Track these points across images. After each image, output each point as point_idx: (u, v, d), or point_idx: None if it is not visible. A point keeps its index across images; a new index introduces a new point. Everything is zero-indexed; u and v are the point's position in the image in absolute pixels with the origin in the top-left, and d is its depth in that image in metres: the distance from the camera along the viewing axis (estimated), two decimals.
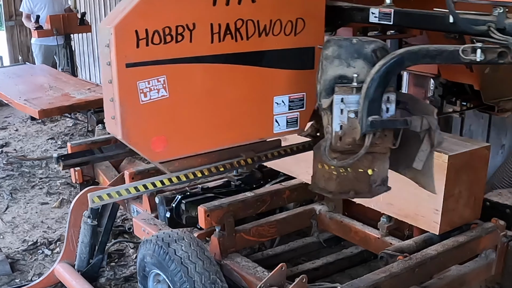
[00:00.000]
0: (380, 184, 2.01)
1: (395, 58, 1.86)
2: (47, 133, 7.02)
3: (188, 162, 2.27)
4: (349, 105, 1.87)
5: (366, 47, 1.90)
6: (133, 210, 3.45)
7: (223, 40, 2.15)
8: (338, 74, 1.91)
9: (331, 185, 1.99)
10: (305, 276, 2.24)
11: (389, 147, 1.98)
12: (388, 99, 1.88)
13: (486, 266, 2.73)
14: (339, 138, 1.90)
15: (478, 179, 2.58)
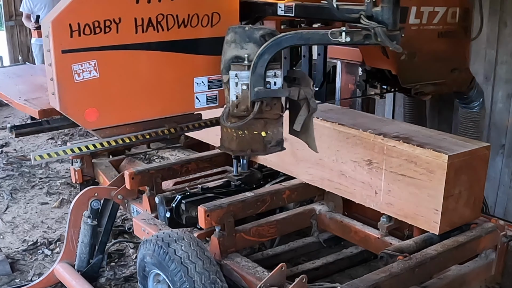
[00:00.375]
0: (275, 144, 2.39)
1: (275, 41, 2.25)
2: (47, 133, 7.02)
3: (118, 130, 2.74)
4: (242, 79, 2.27)
5: (255, 33, 2.31)
6: (133, 210, 3.45)
7: (146, 31, 2.62)
8: (234, 55, 2.31)
9: (232, 145, 2.37)
10: (305, 276, 2.24)
11: (279, 114, 2.35)
12: (275, 74, 2.27)
13: (486, 266, 2.73)
14: (236, 106, 2.30)
15: (478, 179, 2.58)
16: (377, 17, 2.23)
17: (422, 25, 3.53)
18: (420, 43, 3.55)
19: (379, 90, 3.69)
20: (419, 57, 3.54)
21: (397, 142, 2.54)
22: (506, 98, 4.25)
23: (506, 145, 4.32)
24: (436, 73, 3.76)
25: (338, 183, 2.87)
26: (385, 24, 2.22)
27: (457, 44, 3.85)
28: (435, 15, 3.60)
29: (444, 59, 3.77)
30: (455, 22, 3.74)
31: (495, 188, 4.44)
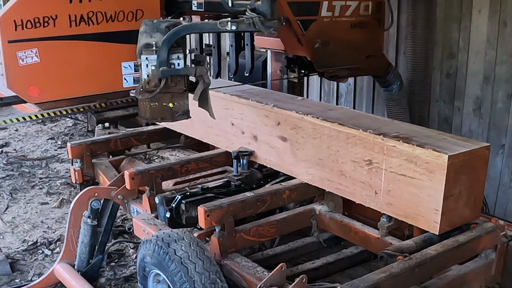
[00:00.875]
0: (182, 114, 2.90)
1: (174, 30, 2.75)
2: (47, 133, 7.03)
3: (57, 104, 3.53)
4: (151, 61, 2.77)
5: (161, 25, 2.79)
6: (133, 210, 3.45)
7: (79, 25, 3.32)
8: (145, 42, 2.80)
9: (147, 114, 2.89)
10: (305, 276, 2.24)
11: (183, 88, 2.84)
12: (178, 57, 2.79)
13: (486, 266, 2.73)
14: (147, 83, 2.80)
15: (478, 179, 2.58)
16: (258, 9, 2.77)
17: (334, 17, 4.03)
18: (333, 33, 4.04)
19: (297, 74, 4.24)
20: (333, 45, 4.05)
21: (397, 142, 2.54)
22: (506, 98, 4.26)
23: (506, 145, 4.32)
24: (351, 59, 4.24)
25: (338, 183, 2.87)
26: (264, 15, 2.76)
27: (371, 34, 4.34)
28: (347, 8, 4.11)
29: (358, 47, 4.25)
30: (368, 14, 4.25)
31: (495, 188, 4.44)
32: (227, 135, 3.59)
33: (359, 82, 5.48)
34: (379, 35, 4.48)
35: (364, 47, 4.31)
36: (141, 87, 2.81)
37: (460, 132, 4.58)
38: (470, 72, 4.47)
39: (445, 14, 4.55)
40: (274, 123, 3.19)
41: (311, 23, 3.91)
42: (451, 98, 4.67)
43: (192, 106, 3.79)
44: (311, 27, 3.91)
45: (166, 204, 3.11)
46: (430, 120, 4.86)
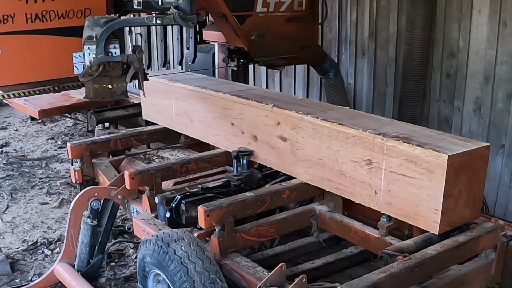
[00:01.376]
0: (120, 94, 3.45)
1: (109, 25, 3.28)
2: (47, 133, 7.03)
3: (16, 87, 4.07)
4: (92, 51, 3.32)
5: (100, 20, 3.34)
6: (133, 210, 3.45)
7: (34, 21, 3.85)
8: (88, 35, 3.36)
9: (90, 94, 3.44)
10: (305, 276, 2.24)
11: (120, 73, 3.37)
12: (114, 47, 3.33)
13: (485, 266, 2.73)
14: (89, 68, 3.34)
15: (478, 179, 2.58)
16: (180, 6, 3.22)
17: (269, 13, 4.50)
18: (269, 26, 4.51)
19: (236, 63, 4.73)
20: (268, 37, 4.52)
21: (397, 142, 2.54)
22: (506, 98, 4.26)
23: (506, 145, 4.32)
24: (286, 49, 4.72)
25: (338, 183, 2.87)
26: (184, 11, 3.22)
27: (305, 27, 4.80)
28: (282, 5, 4.58)
29: (294, 38, 4.72)
30: (302, 10, 4.71)
31: (495, 188, 4.44)
32: (227, 135, 3.59)
33: (359, 82, 5.48)
34: (314, 28, 4.96)
35: (299, 39, 4.75)
36: (84, 72, 3.38)
37: (460, 132, 4.58)
38: (470, 72, 4.47)
39: (445, 14, 4.55)
40: (274, 123, 3.19)
41: (246, 18, 4.39)
42: (451, 98, 4.67)
43: (192, 107, 3.81)
44: (247, 21, 4.39)
45: (166, 204, 3.11)
46: (430, 120, 4.86)
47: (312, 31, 4.94)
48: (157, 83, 4.15)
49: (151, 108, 4.32)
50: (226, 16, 4.27)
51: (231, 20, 4.31)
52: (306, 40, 4.85)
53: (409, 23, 4.56)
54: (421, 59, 4.60)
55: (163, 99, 4.13)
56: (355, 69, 5.47)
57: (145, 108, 4.43)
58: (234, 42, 4.56)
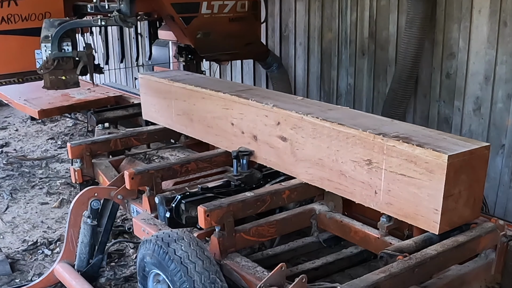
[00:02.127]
0: (72, 84, 4.21)
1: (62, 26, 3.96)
2: (47, 133, 7.03)
3: None
4: (48, 48, 3.99)
5: (55, 22, 3.99)
6: (133, 210, 3.45)
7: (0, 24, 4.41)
8: (45, 35, 4.01)
9: (48, 84, 4.13)
10: (305, 276, 2.24)
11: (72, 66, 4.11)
12: (67, 44, 4.03)
13: (485, 266, 2.73)
14: (46, 62, 4.01)
15: (478, 179, 2.58)
16: (121, 10, 3.91)
17: (213, 14, 5.08)
18: (213, 26, 5.09)
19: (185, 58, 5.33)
20: (213, 36, 5.12)
21: (397, 142, 2.54)
22: (506, 98, 4.26)
23: (506, 145, 4.33)
24: (230, 46, 5.30)
25: (337, 183, 2.87)
26: (125, 14, 3.90)
27: (248, 26, 5.37)
28: (225, 7, 5.15)
29: (237, 36, 5.28)
30: (245, 11, 5.29)
31: (495, 188, 4.44)
32: (227, 135, 3.59)
33: (359, 82, 5.48)
34: (256, 27, 5.55)
35: (242, 37, 5.32)
36: (42, 66, 4.07)
37: (460, 132, 4.59)
38: (470, 72, 4.47)
39: (445, 14, 4.55)
40: (274, 123, 3.19)
41: (192, 19, 4.97)
42: (451, 98, 4.67)
43: (192, 107, 3.81)
44: (193, 22, 4.97)
45: (166, 204, 3.11)
46: (430, 120, 4.86)
47: (254, 29, 5.50)
48: (157, 83, 4.15)
49: (151, 108, 4.32)
50: (174, 17, 4.87)
51: (178, 21, 4.89)
52: (249, 38, 5.42)
53: (407, 23, 4.56)
54: (414, 59, 4.61)
55: (163, 99, 4.13)
56: (355, 69, 5.48)
57: (145, 108, 4.43)
58: (183, 40, 5.14)
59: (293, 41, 6.04)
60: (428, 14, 4.51)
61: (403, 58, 4.67)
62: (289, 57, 6.14)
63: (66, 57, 4.02)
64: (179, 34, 5.10)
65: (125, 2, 3.94)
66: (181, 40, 5.18)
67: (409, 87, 4.77)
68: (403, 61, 4.68)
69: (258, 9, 5.47)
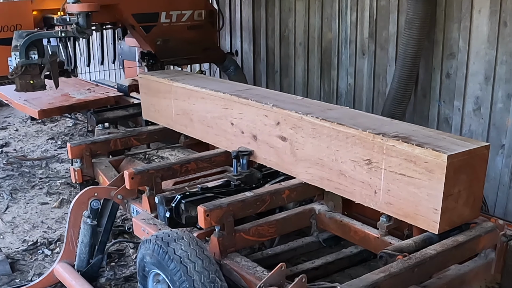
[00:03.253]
0: (39, 87, 4.66)
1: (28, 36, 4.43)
2: (47, 133, 7.03)
3: None
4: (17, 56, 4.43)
5: (23, 34, 4.46)
6: (133, 210, 3.45)
7: None
8: (14, 45, 4.42)
9: (18, 87, 4.60)
10: (304, 275, 2.24)
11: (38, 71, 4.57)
12: (34, 53, 4.48)
13: (485, 266, 2.73)
14: (16, 68, 4.45)
15: (478, 178, 2.58)
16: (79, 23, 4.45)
17: (172, 23, 5.46)
18: (172, 34, 5.47)
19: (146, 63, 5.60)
20: (172, 42, 5.48)
21: (397, 142, 2.54)
22: (506, 98, 4.25)
23: (506, 145, 4.32)
24: (189, 52, 5.69)
25: (337, 183, 2.87)
26: (81, 26, 4.45)
27: (205, 33, 5.78)
28: (183, 16, 5.54)
29: (195, 42, 5.69)
30: (202, 19, 5.70)
31: (495, 188, 4.44)
32: (226, 135, 3.59)
33: (359, 82, 5.48)
34: (213, 34, 6.02)
35: (200, 43, 5.73)
36: (12, 71, 4.49)
37: (460, 132, 4.58)
38: (470, 72, 4.46)
39: (445, 14, 4.55)
40: (274, 123, 3.19)
41: (152, 27, 5.34)
42: (451, 98, 4.67)
43: (192, 107, 3.81)
44: (153, 30, 5.34)
45: (166, 204, 3.11)
46: (430, 120, 4.86)
47: (211, 36, 5.94)
48: (157, 83, 4.15)
49: (151, 108, 4.32)
50: (134, 27, 5.23)
51: (139, 30, 5.26)
52: (207, 44, 5.82)
53: (407, 23, 4.56)
54: (413, 59, 4.61)
55: (163, 99, 4.13)
56: (355, 69, 5.47)
57: (145, 108, 4.43)
58: (145, 47, 5.52)
59: (293, 41, 6.04)
60: (428, 14, 4.50)
61: (402, 58, 4.67)
62: (289, 57, 6.13)
63: (32, 64, 4.48)
64: (140, 41, 5.48)
65: (81, 16, 4.41)
66: (143, 47, 5.55)
67: (409, 86, 4.78)
68: (403, 60, 4.68)
69: (215, 18, 5.92)
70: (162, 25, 5.39)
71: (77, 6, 4.43)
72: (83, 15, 4.42)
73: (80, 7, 4.43)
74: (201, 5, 5.73)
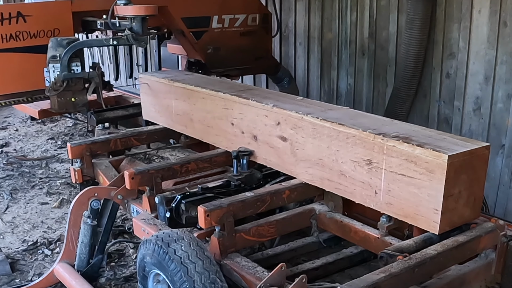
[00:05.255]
0: (82, 106, 3.95)
1: (72, 45, 3.76)
2: (47, 133, 7.03)
3: None
4: (56, 68, 3.77)
5: (63, 41, 3.80)
6: (133, 210, 3.45)
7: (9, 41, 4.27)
8: (52, 54, 3.81)
9: (56, 106, 3.89)
10: (305, 276, 2.24)
11: (82, 87, 3.87)
12: (76, 64, 3.81)
13: (485, 266, 2.73)
14: (54, 84, 3.78)
15: (478, 179, 2.58)
16: (133, 28, 3.73)
17: (224, 28, 5.07)
18: (224, 41, 5.07)
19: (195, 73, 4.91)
20: (224, 50, 5.07)
21: (397, 142, 2.54)
22: (506, 98, 4.26)
23: (506, 145, 4.32)
24: (240, 61, 5.25)
25: (338, 183, 2.87)
26: (137, 32, 3.73)
27: (259, 40, 5.33)
28: (236, 21, 5.13)
29: (247, 51, 5.23)
30: (256, 25, 5.26)
31: (495, 188, 4.44)
32: (227, 135, 3.59)
33: (359, 82, 5.48)
34: (267, 41, 5.48)
35: (252, 51, 5.29)
36: (50, 87, 3.80)
37: (460, 132, 4.59)
38: (470, 72, 4.47)
39: (445, 14, 4.55)
40: (274, 123, 3.19)
41: (203, 33, 4.95)
42: (451, 98, 4.67)
43: (192, 107, 3.81)
44: (204, 36, 4.95)
45: (166, 204, 3.11)
46: (430, 120, 4.87)
47: (265, 43, 5.45)
48: (157, 83, 4.15)
49: (151, 108, 4.32)
50: (184, 32, 4.83)
51: (189, 36, 4.86)
52: (260, 52, 5.39)
53: (408, 23, 4.57)
54: (416, 58, 4.62)
55: (163, 99, 4.13)
56: (355, 69, 5.48)
57: (145, 108, 4.43)
58: (193, 55, 5.10)
59: (293, 41, 6.04)
60: (428, 14, 4.51)
61: (405, 58, 4.68)
62: (289, 57, 6.14)
63: (76, 78, 3.80)
64: (189, 49, 5.05)
65: (136, 21, 3.70)
66: (191, 55, 5.11)
67: (413, 86, 4.78)
68: (404, 61, 4.68)
69: (269, 23, 5.40)
70: (213, 31, 4.99)
71: (132, 8, 3.73)
72: (139, 19, 3.72)
73: (135, 10, 3.73)
74: (255, 8, 5.28)
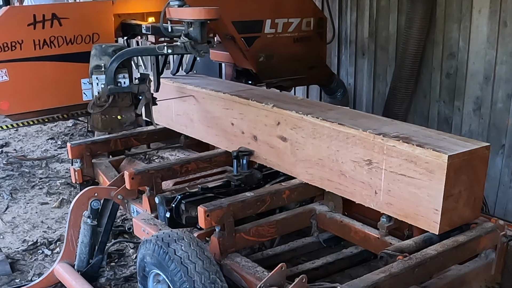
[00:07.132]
0: (129, 124, 3.39)
1: (119, 54, 3.19)
2: (47, 133, 7.03)
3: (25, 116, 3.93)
4: (100, 81, 3.19)
5: (108, 49, 3.25)
6: (133, 210, 3.45)
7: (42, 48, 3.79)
8: (95, 64, 3.24)
9: (99, 126, 3.35)
10: (305, 276, 2.24)
11: (129, 103, 3.31)
12: (124, 76, 3.22)
13: (486, 266, 2.73)
14: (98, 99, 3.23)
15: (478, 179, 2.58)
16: (190, 34, 3.12)
17: (277, 34, 4.55)
18: (277, 48, 4.53)
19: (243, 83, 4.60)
20: (276, 59, 4.53)
21: (397, 142, 2.54)
22: (506, 98, 4.26)
23: (506, 145, 4.32)
24: (294, 70, 4.72)
25: (338, 183, 2.87)
26: (195, 39, 3.10)
27: (313, 47, 4.83)
28: (290, 25, 4.62)
29: (301, 59, 4.73)
30: (310, 30, 4.76)
31: (495, 188, 4.44)
32: (227, 135, 3.59)
33: (359, 82, 5.48)
34: (322, 48, 4.96)
35: (306, 59, 4.79)
36: (92, 103, 3.27)
37: (460, 132, 4.59)
38: (470, 72, 4.47)
39: (445, 14, 4.55)
40: (274, 123, 3.19)
41: (255, 39, 4.43)
42: (451, 98, 4.67)
43: (192, 107, 3.81)
44: (255, 43, 4.42)
45: (166, 204, 3.11)
46: (430, 120, 4.87)
47: (319, 51, 4.93)
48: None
49: None
50: (235, 38, 4.28)
51: (239, 42, 4.33)
52: (313, 61, 4.87)
53: (407, 23, 4.57)
54: (414, 58, 4.63)
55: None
56: (355, 69, 5.47)
57: None
58: (242, 64, 4.54)
59: None
60: (427, 14, 4.51)
61: (402, 58, 4.68)
62: None
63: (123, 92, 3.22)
64: (238, 57, 4.49)
65: (195, 26, 3.08)
66: (240, 64, 4.56)
67: (410, 86, 4.79)
68: (402, 60, 4.69)
69: (324, 27, 4.93)
70: (266, 37, 4.47)
71: (190, 11, 3.10)
72: (197, 24, 3.08)
73: (195, 13, 3.09)
74: (309, 12, 4.76)
